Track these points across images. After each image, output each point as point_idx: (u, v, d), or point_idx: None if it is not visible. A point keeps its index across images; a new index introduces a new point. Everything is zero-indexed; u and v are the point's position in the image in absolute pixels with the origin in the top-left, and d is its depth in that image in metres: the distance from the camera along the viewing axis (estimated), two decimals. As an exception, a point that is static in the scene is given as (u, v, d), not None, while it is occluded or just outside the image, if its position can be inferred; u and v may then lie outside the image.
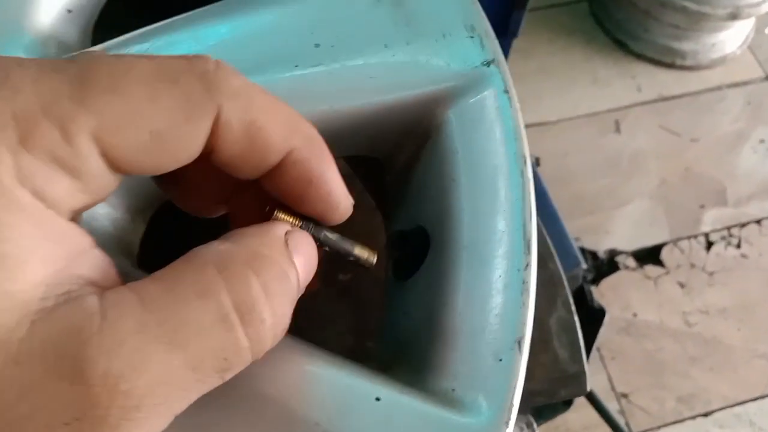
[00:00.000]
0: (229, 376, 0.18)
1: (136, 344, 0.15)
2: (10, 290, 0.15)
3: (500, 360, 0.24)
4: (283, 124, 0.20)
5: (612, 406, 1.33)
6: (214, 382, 0.17)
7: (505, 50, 1.18)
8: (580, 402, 0.68)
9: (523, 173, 0.27)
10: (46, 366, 0.15)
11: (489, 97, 0.29)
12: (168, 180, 0.21)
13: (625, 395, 1.36)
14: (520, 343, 0.24)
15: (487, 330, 0.25)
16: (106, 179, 0.17)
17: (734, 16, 1.60)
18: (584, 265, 0.98)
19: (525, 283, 0.25)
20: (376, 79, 0.29)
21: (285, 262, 0.19)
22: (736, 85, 1.77)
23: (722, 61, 1.78)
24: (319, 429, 0.22)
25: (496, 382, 0.24)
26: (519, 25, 1.05)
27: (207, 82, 0.18)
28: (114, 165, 0.17)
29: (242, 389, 0.23)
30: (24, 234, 0.15)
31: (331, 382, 0.23)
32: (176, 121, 0.17)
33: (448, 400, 0.24)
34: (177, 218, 0.34)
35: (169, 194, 0.23)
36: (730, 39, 1.76)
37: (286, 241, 0.20)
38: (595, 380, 1.35)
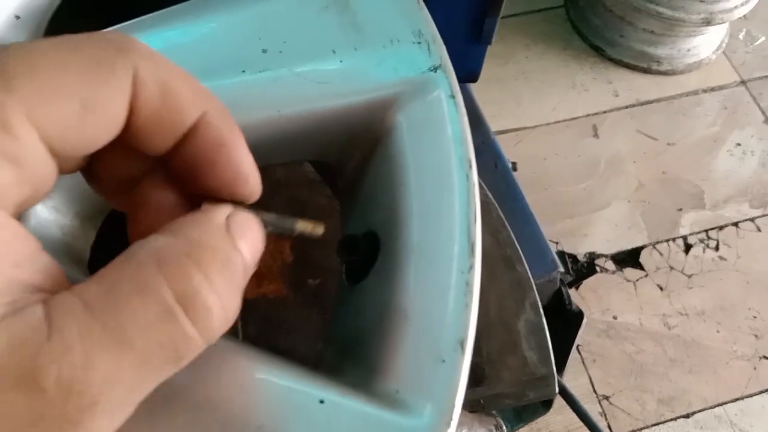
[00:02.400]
0: (184, 363, 0.18)
1: (84, 348, 0.16)
2: None
3: (443, 361, 0.24)
4: (194, 89, 0.20)
5: (593, 408, 1.34)
6: (169, 371, 0.18)
7: (480, 56, 1.18)
8: (563, 403, 0.69)
9: (468, 177, 0.27)
10: (1, 376, 0.15)
11: (436, 101, 0.29)
12: (93, 173, 0.21)
13: (606, 397, 1.36)
14: (462, 344, 0.24)
15: (431, 332, 0.25)
16: (46, 167, 0.17)
17: (708, 22, 1.62)
18: (561, 269, 0.99)
19: (468, 285, 0.25)
20: (324, 84, 0.29)
21: (227, 247, 0.19)
22: (711, 89, 1.79)
23: (698, 65, 1.80)
24: (263, 431, 0.22)
25: (439, 383, 0.24)
26: (493, 31, 1.06)
27: (118, 44, 0.18)
28: (51, 146, 0.17)
29: (186, 394, 0.23)
30: None
31: (275, 385, 0.23)
32: (95, 85, 0.17)
33: (391, 401, 0.24)
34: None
35: (91, 184, 0.23)
36: (705, 44, 1.78)
37: (227, 226, 0.19)
38: (576, 383, 1.35)
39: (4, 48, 0.17)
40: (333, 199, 0.55)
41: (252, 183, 0.21)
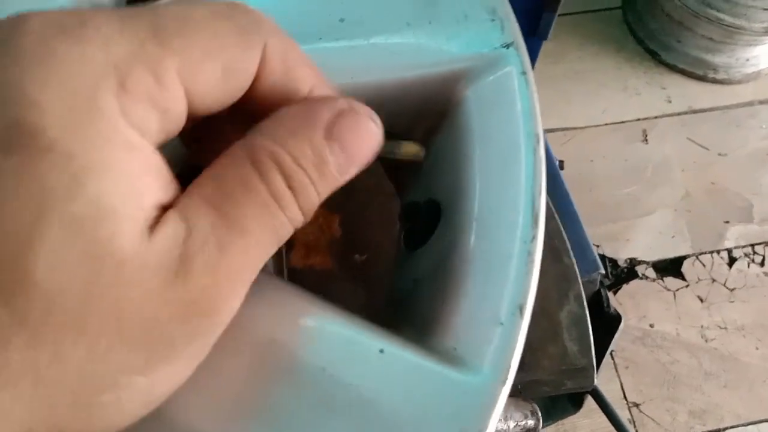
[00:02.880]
0: (281, 244, 0.21)
1: (217, 238, 0.19)
2: (134, 216, 0.18)
3: (501, 324, 0.25)
4: (309, 66, 0.22)
5: (623, 414, 1.32)
6: (272, 252, 0.21)
7: (535, 52, 1.18)
8: (591, 408, 0.68)
9: (535, 151, 0.28)
10: (163, 267, 0.18)
11: (507, 77, 0.30)
12: (195, 134, 0.23)
13: (636, 405, 1.35)
14: (522, 309, 0.25)
15: (491, 295, 0.26)
16: (181, 120, 0.20)
17: (770, 31, 1.58)
18: (602, 270, 0.98)
19: (530, 254, 0.26)
20: (398, 56, 0.30)
21: (314, 158, 0.20)
22: (768, 101, 1.75)
23: (755, 76, 1.76)
24: (324, 374, 0.23)
25: (497, 344, 0.25)
26: (549, 27, 1.06)
27: (253, 18, 0.20)
28: (192, 103, 0.19)
29: (252, 334, 0.24)
30: (138, 168, 0.18)
31: (338, 331, 0.24)
32: (238, 54, 0.20)
33: (449, 357, 0.25)
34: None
35: (191, 148, 0.25)
36: (765, 55, 1.74)
37: (329, 129, 0.21)
38: (607, 388, 1.34)
39: (166, 7, 0.19)
40: (383, 177, 0.56)
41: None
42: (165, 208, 0.19)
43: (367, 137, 0.22)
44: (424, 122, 0.32)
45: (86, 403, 0.18)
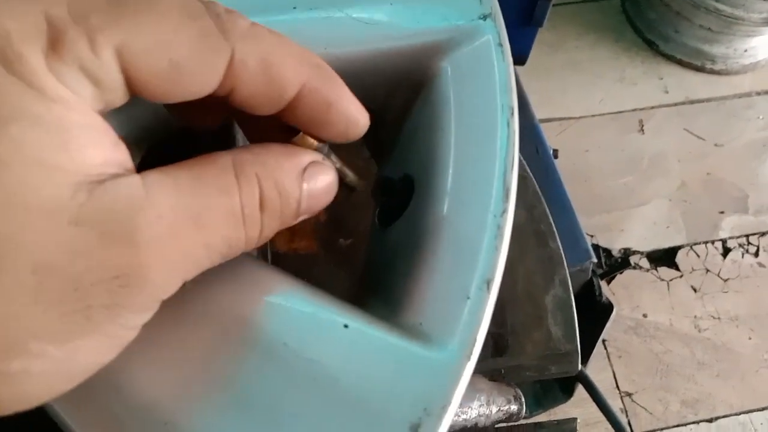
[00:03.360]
0: (227, 259, 0.21)
1: (172, 220, 0.18)
2: (70, 168, 0.17)
3: (468, 298, 0.24)
4: (293, 58, 0.21)
5: (615, 404, 1.32)
6: (216, 261, 0.21)
7: (530, 39, 1.17)
8: (583, 397, 0.68)
9: (509, 124, 0.27)
10: (100, 229, 0.17)
11: (483, 49, 0.29)
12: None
13: (629, 394, 1.35)
14: (489, 283, 0.24)
15: (459, 270, 0.25)
16: (120, 93, 0.19)
17: (768, 22, 1.57)
18: (594, 259, 0.98)
19: (500, 228, 0.25)
20: (374, 26, 0.30)
21: (292, 187, 0.22)
22: (766, 92, 1.74)
23: (753, 67, 1.75)
24: (287, 349, 0.23)
25: (462, 319, 0.24)
26: (544, 14, 1.04)
27: (221, 24, 0.20)
28: (130, 83, 0.19)
29: (216, 307, 0.24)
30: (75, 122, 0.17)
31: (301, 306, 0.24)
32: (193, 55, 0.19)
33: (414, 333, 0.24)
34: (170, 153, 0.35)
35: (168, 109, 0.25)
36: (763, 45, 1.73)
37: (303, 169, 0.22)
38: (599, 377, 1.34)
39: None
40: (370, 161, 0.56)
41: (361, 125, 0.24)
42: (122, 173, 0.18)
43: (328, 191, 0.23)
44: (400, 95, 0.31)
45: None
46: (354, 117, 0.23)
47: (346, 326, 0.24)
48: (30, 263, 0.16)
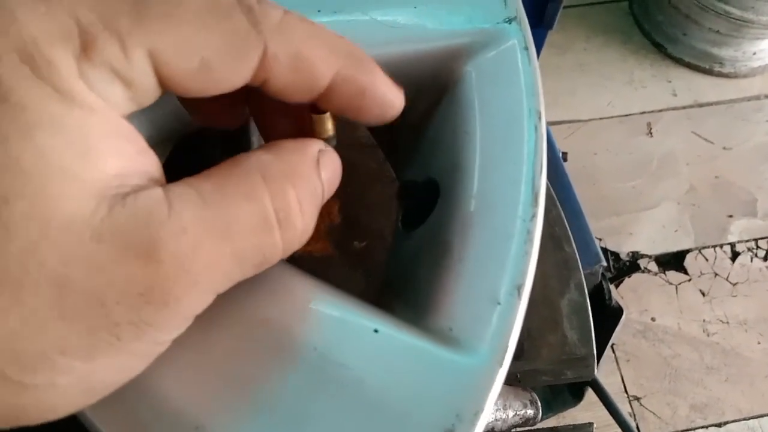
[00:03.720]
0: (263, 268, 0.20)
1: (197, 232, 0.18)
2: (91, 179, 0.17)
3: (499, 303, 0.24)
4: (325, 48, 0.21)
5: (623, 408, 1.32)
6: (251, 272, 0.20)
7: (540, 42, 1.17)
8: (592, 400, 0.68)
9: (537, 128, 0.27)
10: (122, 245, 0.17)
11: (508, 52, 0.29)
12: (195, 102, 0.22)
13: (637, 398, 1.35)
14: (520, 289, 0.24)
15: (489, 275, 0.25)
16: (153, 93, 0.19)
17: (778, 24, 1.57)
18: (604, 263, 0.98)
19: (530, 233, 0.25)
20: (398, 29, 0.30)
21: (315, 179, 0.21)
22: (775, 95, 1.74)
23: (762, 70, 1.75)
24: (315, 353, 0.23)
25: (493, 325, 0.24)
26: (555, 16, 1.04)
27: (253, 18, 0.19)
28: (163, 82, 0.19)
29: (245, 312, 0.24)
30: (99, 131, 0.17)
31: (331, 310, 0.24)
32: (225, 53, 0.19)
33: (444, 338, 0.24)
34: (193, 154, 0.35)
35: (186, 107, 0.25)
36: (772, 48, 1.72)
37: (317, 159, 0.21)
38: (607, 381, 1.34)
39: None
40: (384, 163, 0.56)
41: (398, 106, 0.24)
42: (144, 185, 0.18)
43: (338, 169, 0.23)
44: (424, 98, 0.31)
45: (16, 381, 0.17)
46: (389, 100, 0.23)
47: (376, 331, 0.23)
48: (51, 277, 0.16)
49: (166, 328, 0.19)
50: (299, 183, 0.20)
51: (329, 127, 0.23)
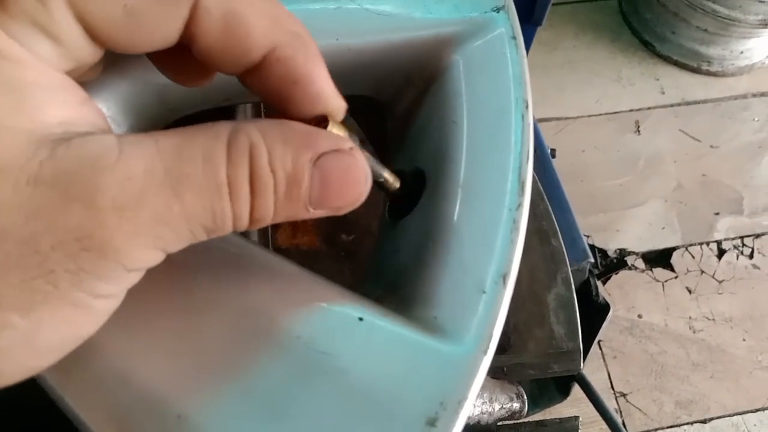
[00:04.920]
0: (213, 236, 0.19)
1: (144, 182, 0.17)
2: (27, 128, 0.16)
3: (484, 292, 0.24)
4: (266, 18, 0.20)
5: (609, 404, 1.32)
6: (201, 236, 0.19)
7: (529, 39, 1.17)
8: (578, 396, 0.68)
9: (524, 117, 0.27)
10: (61, 188, 0.16)
11: (496, 41, 0.29)
12: (159, 57, 0.22)
13: (623, 395, 1.35)
14: (505, 278, 0.24)
15: (474, 264, 0.25)
16: (86, 49, 0.18)
17: (765, 24, 1.58)
18: (591, 259, 0.98)
19: (516, 222, 0.25)
20: (386, 17, 0.29)
21: (299, 169, 0.19)
22: (762, 94, 1.75)
23: (749, 69, 1.76)
24: (299, 342, 0.23)
25: (478, 313, 0.24)
26: (544, 12, 1.05)
27: None
28: (92, 35, 0.18)
29: (228, 299, 0.23)
30: (32, 82, 0.17)
31: (316, 298, 0.24)
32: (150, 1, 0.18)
33: (429, 326, 0.24)
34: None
35: (159, 68, 0.23)
36: (759, 47, 1.73)
37: (317, 156, 0.19)
38: (594, 377, 1.34)
39: None
40: (373, 157, 0.55)
41: (332, 110, 0.21)
42: (94, 132, 0.17)
43: (351, 184, 0.20)
44: (411, 87, 0.31)
45: None
46: (323, 102, 0.21)
47: (360, 319, 0.23)
48: None
49: (106, 278, 0.17)
50: (259, 161, 0.18)
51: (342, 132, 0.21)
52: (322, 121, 0.21)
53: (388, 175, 0.26)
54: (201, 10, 0.18)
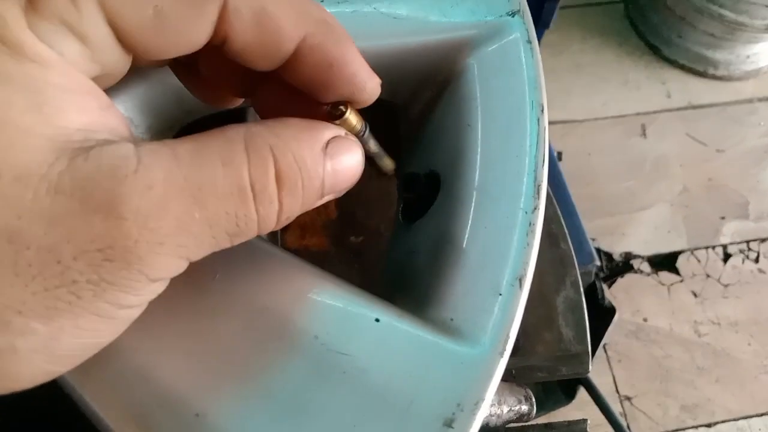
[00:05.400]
0: (237, 241, 0.19)
1: (165, 190, 0.17)
2: (48, 133, 0.16)
3: (500, 294, 0.24)
4: (293, 9, 0.20)
5: (615, 408, 1.32)
6: (224, 243, 0.19)
7: (536, 41, 1.17)
8: (584, 399, 0.68)
9: (539, 121, 0.27)
10: (82, 197, 0.16)
11: (511, 45, 0.29)
12: (184, 68, 0.22)
13: (628, 398, 1.35)
14: (521, 280, 0.24)
15: (490, 266, 0.25)
16: (115, 53, 0.18)
17: (772, 28, 1.57)
18: (598, 262, 0.98)
19: (531, 224, 0.25)
20: (401, 21, 0.29)
21: (313, 163, 0.19)
22: (768, 99, 1.74)
23: (756, 73, 1.75)
24: (317, 342, 0.23)
25: (494, 315, 0.24)
26: (551, 16, 1.05)
27: None
28: (121, 38, 0.18)
29: (247, 299, 0.23)
30: (56, 85, 0.16)
31: (333, 299, 0.24)
32: (180, 1, 0.18)
33: (445, 328, 0.24)
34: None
35: (185, 83, 0.24)
36: (766, 52, 1.73)
37: (326, 147, 0.20)
38: (599, 381, 1.33)
39: None
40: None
41: (369, 90, 0.22)
42: (113, 140, 0.17)
43: (354, 165, 0.21)
44: (426, 90, 0.31)
45: None
46: (359, 81, 0.21)
47: (377, 320, 0.23)
48: (3, 231, 0.15)
49: (129, 290, 0.17)
50: (285, 159, 0.19)
51: (354, 123, 0.22)
52: (339, 107, 0.21)
53: (388, 159, 0.26)
54: (231, 11, 0.19)
